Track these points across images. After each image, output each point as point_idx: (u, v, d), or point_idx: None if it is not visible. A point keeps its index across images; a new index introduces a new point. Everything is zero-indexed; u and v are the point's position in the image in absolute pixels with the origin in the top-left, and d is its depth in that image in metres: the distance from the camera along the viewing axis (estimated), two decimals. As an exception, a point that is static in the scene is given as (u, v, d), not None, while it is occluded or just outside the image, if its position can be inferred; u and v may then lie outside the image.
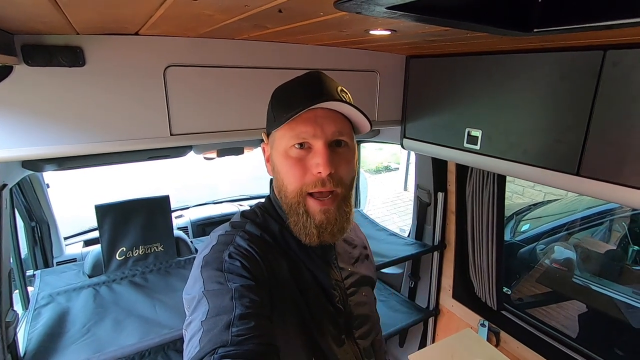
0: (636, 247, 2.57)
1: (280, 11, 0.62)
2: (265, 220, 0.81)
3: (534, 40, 0.91)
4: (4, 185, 1.13)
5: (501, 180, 1.67)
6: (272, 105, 0.78)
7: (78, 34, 0.87)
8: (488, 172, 1.66)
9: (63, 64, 0.86)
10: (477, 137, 1.24)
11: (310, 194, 0.72)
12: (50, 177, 2.04)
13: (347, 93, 0.76)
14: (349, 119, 0.75)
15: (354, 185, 0.79)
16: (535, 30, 0.72)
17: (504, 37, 0.86)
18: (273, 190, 0.84)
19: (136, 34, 0.93)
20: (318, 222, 0.72)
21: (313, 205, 0.72)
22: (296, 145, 0.71)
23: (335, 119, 0.72)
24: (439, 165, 1.91)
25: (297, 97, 0.71)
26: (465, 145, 1.28)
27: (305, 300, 0.75)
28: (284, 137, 0.72)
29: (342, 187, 0.73)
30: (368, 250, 1.01)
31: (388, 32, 0.85)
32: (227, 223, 0.81)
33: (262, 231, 0.78)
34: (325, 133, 0.70)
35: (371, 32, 0.86)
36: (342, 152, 0.74)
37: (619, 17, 0.63)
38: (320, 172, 0.69)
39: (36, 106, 0.88)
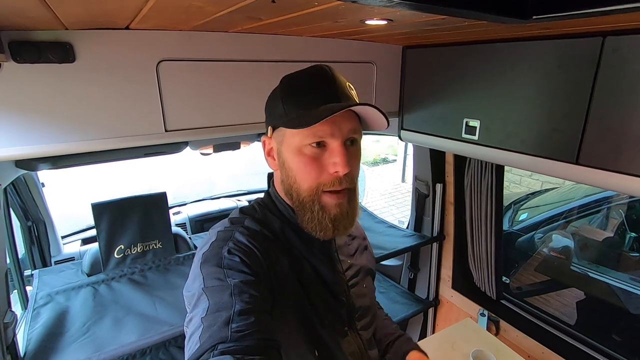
0: (633, 234, 2.58)
1: (273, 1, 0.60)
2: (264, 216, 0.81)
3: (531, 27, 0.90)
4: (-2, 186, 1.12)
5: (499, 170, 1.67)
6: (282, 98, 0.74)
7: (67, 29, 0.84)
8: (486, 163, 1.66)
9: (52, 60, 0.84)
10: (475, 127, 1.23)
11: (325, 191, 0.72)
12: (46, 175, 2.02)
13: (353, 89, 0.75)
14: (359, 117, 0.74)
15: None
16: (534, 17, 0.71)
17: (501, 25, 0.85)
18: (273, 186, 0.83)
19: (127, 28, 0.91)
20: (333, 215, 0.72)
21: (329, 200, 0.72)
22: (313, 144, 0.70)
23: (349, 118, 0.71)
24: (437, 157, 1.90)
25: (313, 95, 0.70)
26: (464, 135, 1.27)
27: (307, 294, 0.75)
28: (299, 134, 0.70)
29: (353, 183, 0.74)
30: (367, 241, 1.01)
31: (384, 22, 0.83)
32: (226, 219, 0.80)
33: (261, 226, 0.77)
34: (342, 132, 0.70)
35: (367, 22, 0.84)
36: (354, 151, 0.74)
37: (619, 3, 0.61)
38: (337, 172, 0.69)
39: (27, 104, 0.86)
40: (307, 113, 0.67)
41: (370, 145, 8.75)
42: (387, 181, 7.64)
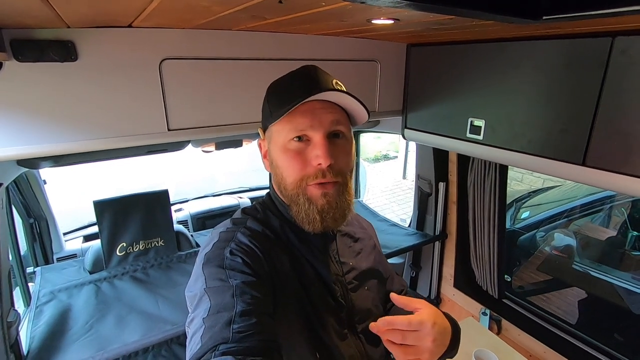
0: (635, 233, 2.57)
1: (280, 2, 0.59)
2: (266, 216, 0.81)
3: (540, 27, 0.89)
4: (0, 185, 1.11)
5: (503, 169, 1.66)
6: (267, 100, 0.77)
7: (69, 27, 0.83)
8: (490, 162, 1.65)
9: (55, 59, 0.83)
10: (480, 127, 1.22)
11: (310, 184, 0.72)
12: (47, 172, 2.02)
13: (342, 86, 0.75)
14: (346, 111, 0.74)
15: (353, 176, 0.78)
16: (544, 17, 0.69)
17: (509, 24, 0.83)
18: (272, 186, 0.83)
19: (129, 26, 0.90)
20: (320, 207, 0.71)
21: (314, 190, 0.71)
22: (294, 138, 0.71)
23: (332, 110, 0.71)
24: (440, 155, 1.89)
25: (292, 90, 0.70)
26: (468, 135, 1.26)
27: (308, 295, 0.75)
28: (282, 131, 0.72)
29: (342, 177, 0.73)
30: (374, 240, 1.00)
31: (391, 22, 0.82)
32: (229, 220, 0.80)
33: (263, 227, 0.78)
34: (323, 124, 0.69)
35: (373, 21, 0.83)
36: (341, 144, 0.73)
37: (631, 4, 0.60)
38: (320, 164, 0.69)
39: (29, 103, 0.86)
40: (285, 107, 0.68)
41: (371, 141, 8.74)
42: (388, 178, 7.63)
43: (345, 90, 0.72)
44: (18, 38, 0.80)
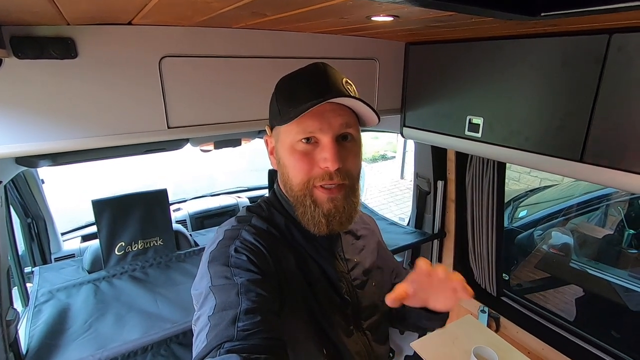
0: (632, 231, 2.60)
1: (281, -3, 0.59)
2: (271, 214, 0.81)
3: (537, 24, 0.89)
4: (-1, 183, 1.11)
5: (501, 167, 1.67)
6: (276, 98, 0.76)
7: (69, 24, 0.83)
8: (488, 160, 1.66)
9: (54, 56, 0.83)
10: (479, 124, 1.23)
11: (317, 186, 0.72)
12: (45, 171, 2.01)
13: (351, 85, 0.75)
14: (355, 112, 0.74)
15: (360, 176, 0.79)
16: (542, 14, 0.70)
17: (508, 21, 0.84)
18: (277, 184, 0.83)
19: (129, 23, 0.90)
20: (326, 211, 0.71)
21: (320, 194, 0.71)
22: (303, 140, 0.70)
23: (341, 113, 0.71)
24: (439, 154, 1.90)
25: (303, 91, 0.70)
26: (467, 133, 1.27)
27: (314, 292, 0.76)
28: (290, 132, 0.71)
29: (350, 180, 0.73)
30: (378, 235, 1.00)
31: (390, 18, 0.83)
32: (233, 218, 0.80)
33: (268, 224, 0.78)
34: (333, 127, 0.69)
35: (373, 18, 0.83)
36: (349, 146, 0.73)
37: (627, 0, 0.61)
38: (327, 167, 0.69)
39: (28, 101, 0.85)
40: (295, 109, 0.67)
41: (369, 142, 8.75)
42: (386, 178, 7.64)
43: (354, 89, 0.73)
44: (18, 35, 0.79)
